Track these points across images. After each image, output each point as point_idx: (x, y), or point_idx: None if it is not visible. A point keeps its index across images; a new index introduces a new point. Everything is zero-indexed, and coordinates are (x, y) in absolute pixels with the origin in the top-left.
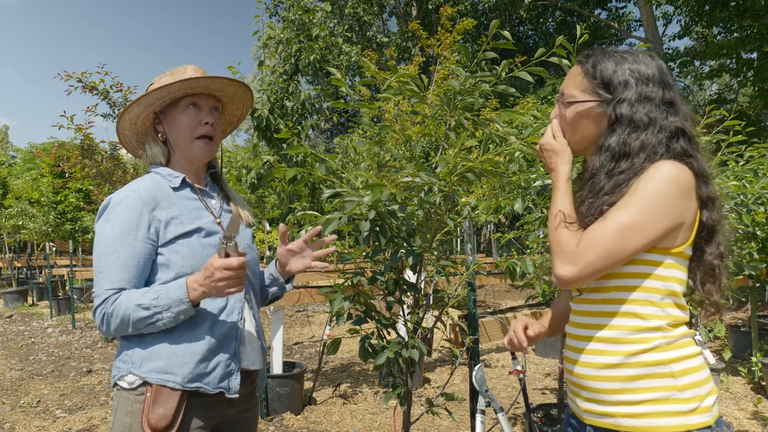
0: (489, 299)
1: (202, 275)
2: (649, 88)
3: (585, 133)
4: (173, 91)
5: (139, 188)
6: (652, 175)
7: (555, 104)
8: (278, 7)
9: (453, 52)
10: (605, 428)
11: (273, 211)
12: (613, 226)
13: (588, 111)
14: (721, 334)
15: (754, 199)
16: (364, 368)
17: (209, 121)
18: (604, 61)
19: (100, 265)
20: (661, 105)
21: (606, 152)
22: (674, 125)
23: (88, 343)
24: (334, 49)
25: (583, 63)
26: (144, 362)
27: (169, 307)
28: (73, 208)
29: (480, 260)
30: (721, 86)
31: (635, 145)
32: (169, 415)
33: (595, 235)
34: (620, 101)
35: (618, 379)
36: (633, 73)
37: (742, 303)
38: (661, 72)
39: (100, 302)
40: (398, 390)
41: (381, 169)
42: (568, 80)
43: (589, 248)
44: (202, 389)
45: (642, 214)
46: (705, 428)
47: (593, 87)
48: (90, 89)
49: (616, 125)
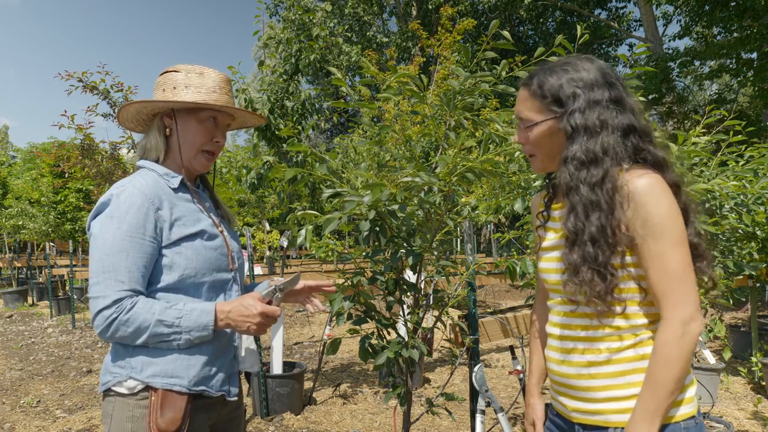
0: (489, 299)
1: (236, 311)
2: (594, 93)
3: (551, 149)
4: (201, 104)
5: (143, 186)
6: (647, 197)
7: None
8: (278, 7)
9: (453, 52)
10: (595, 425)
11: (273, 211)
12: (677, 267)
13: (549, 129)
14: (721, 334)
15: (754, 199)
16: (364, 368)
17: (221, 140)
18: (548, 78)
19: (105, 265)
20: (609, 105)
21: (572, 162)
22: (623, 123)
23: (88, 343)
24: (334, 49)
25: (529, 85)
26: (146, 367)
27: (191, 330)
28: (73, 208)
29: (480, 260)
30: (721, 86)
31: (598, 150)
32: (178, 419)
33: (674, 283)
34: (572, 112)
35: (604, 376)
36: (576, 82)
37: (742, 303)
38: (603, 73)
39: (108, 303)
40: (398, 390)
41: (381, 169)
42: (519, 105)
43: (686, 294)
44: (206, 392)
45: (679, 236)
46: (689, 418)
47: (545, 105)
48: (90, 89)
49: (574, 135)
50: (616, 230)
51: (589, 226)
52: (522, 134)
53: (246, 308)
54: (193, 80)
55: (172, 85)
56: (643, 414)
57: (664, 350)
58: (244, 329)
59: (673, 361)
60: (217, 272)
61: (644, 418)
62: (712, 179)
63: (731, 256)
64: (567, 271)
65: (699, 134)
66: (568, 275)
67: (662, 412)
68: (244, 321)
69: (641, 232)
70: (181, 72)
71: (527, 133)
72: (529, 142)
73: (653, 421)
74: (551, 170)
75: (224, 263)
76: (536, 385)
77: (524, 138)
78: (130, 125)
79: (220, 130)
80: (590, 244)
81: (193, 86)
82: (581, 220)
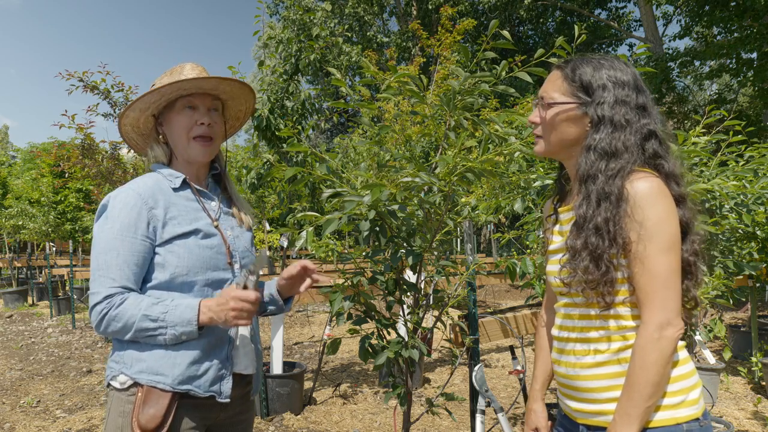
0: (489, 299)
1: (215, 302)
2: (624, 92)
3: (564, 134)
4: (165, 93)
5: (139, 186)
6: (645, 199)
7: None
8: (278, 7)
9: (453, 52)
10: (599, 426)
11: (273, 211)
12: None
13: (568, 113)
14: (721, 334)
15: (754, 199)
16: (364, 368)
17: (205, 121)
18: (583, 66)
19: (99, 263)
20: (635, 108)
21: (595, 152)
22: (647, 127)
23: (88, 343)
24: (335, 49)
25: (563, 68)
26: (135, 363)
27: (175, 325)
28: (73, 208)
29: (480, 260)
30: (721, 86)
31: (620, 145)
32: (159, 416)
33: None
34: (600, 103)
35: (606, 377)
36: (610, 78)
37: (742, 303)
38: (635, 78)
39: (100, 299)
40: (398, 390)
41: (381, 169)
42: (547, 84)
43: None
44: (192, 392)
45: (669, 242)
46: (693, 420)
47: (573, 90)
48: (91, 89)
49: (600, 125)
50: (618, 225)
51: (597, 215)
52: (539, 112)
53: (221, 297)
54: (163, 80)
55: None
56: (621, 417)
57: (640, 354)
58: (224, 319)
59: (649, 365)
60: (212, 271)
61: (623, 422)
62: (712, 179)
63: (731, 256)
64: (567, 255)
65: (699, 134)
66: (568, 259)
67: (641, 414)
68: (221, 310)
69: (637, 231)
70: (162, 76)
71: (545, 111)
72: (544, 122)
73: (632, 424)
74: (554, 155)
75: (221, 262)
76: (539, 391)
77: (540, 117)
78: (138, 146)
79: (201, 112)
80: (594, 233)
81: (166, 79)
82: (593, 208)
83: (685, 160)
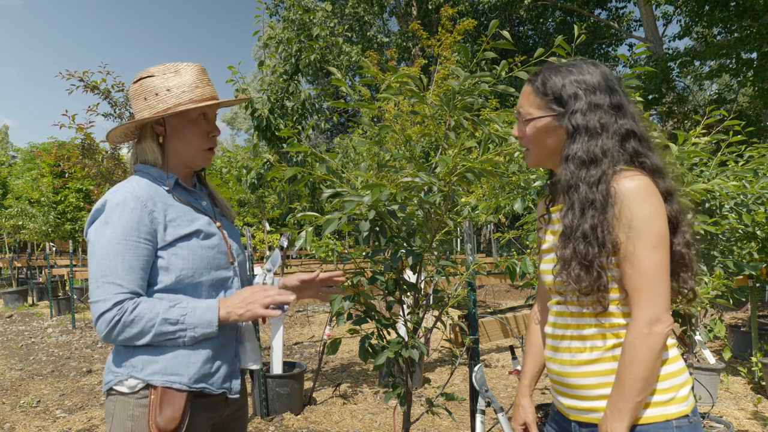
0: (489, 299)
1: (238, 299)
2: (596, 97)
3: (546, 146)
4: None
5: (135, 189)
6: (632, 198)
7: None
8: (278, 7)
9: (453, 52)
10: (590, 423)
11: (273, 211)
12: (650, 269)
13: (546, 126)
14: (721, 334)
15: (754, 199)
16: (364, 368)
17: (216, 133)
18: (552, 77)
19: (102, 269)
20: (609, 110)
21: (573, 161)
22: (624, 127)
23: (88, 343)
24: (335, 49)
25: (533, 81)
26: (146, 365)
27: (195, 327)
28: (73, 208)
29: (480, 260)
30: (721, 86)
31: (597, 151)
32: (177, 417)
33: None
34: (573, 112)
35: (599, 374)
36: (579, 84)
37: (742, 303)
38: (606, 78)
39: (109, 306)
40: (398, 390)
41: (381, 169)
42: (522, 99)
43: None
44: (207, 390)
45: (657, 239)
46: (683, 417)
47: (546, 103)
48: (91, 89)
49: (575, 135)
50: (606, 230)
51: (583, 223)
52: (520, 128)
53: (250, 294)
54: (171, 81)
55: (153, 91)
56: (612, 412)
57: (630, 350)
58: (253, 313)
59: (638, 361)
60: (215, 270)
61: (614, 416)
62: (712, 179)
63: (731, 256)
64: (558, 265)
65: (699, 134)
66: (559, 269)
67: (631, 410)
68: (246, 305)
69: (626, 232)
70: (156, 75)
71: (525, 126)
72: (525, 136)
73: (623, 419)
74: (544, 166)
75: (223, 261)
76: (528, 386)
77: (521, 132)
78: (118, 140)
79: (212, 122)
80: (582, 241)
81: (174, 87)
82: (577, 217)
83: (685, 160)
